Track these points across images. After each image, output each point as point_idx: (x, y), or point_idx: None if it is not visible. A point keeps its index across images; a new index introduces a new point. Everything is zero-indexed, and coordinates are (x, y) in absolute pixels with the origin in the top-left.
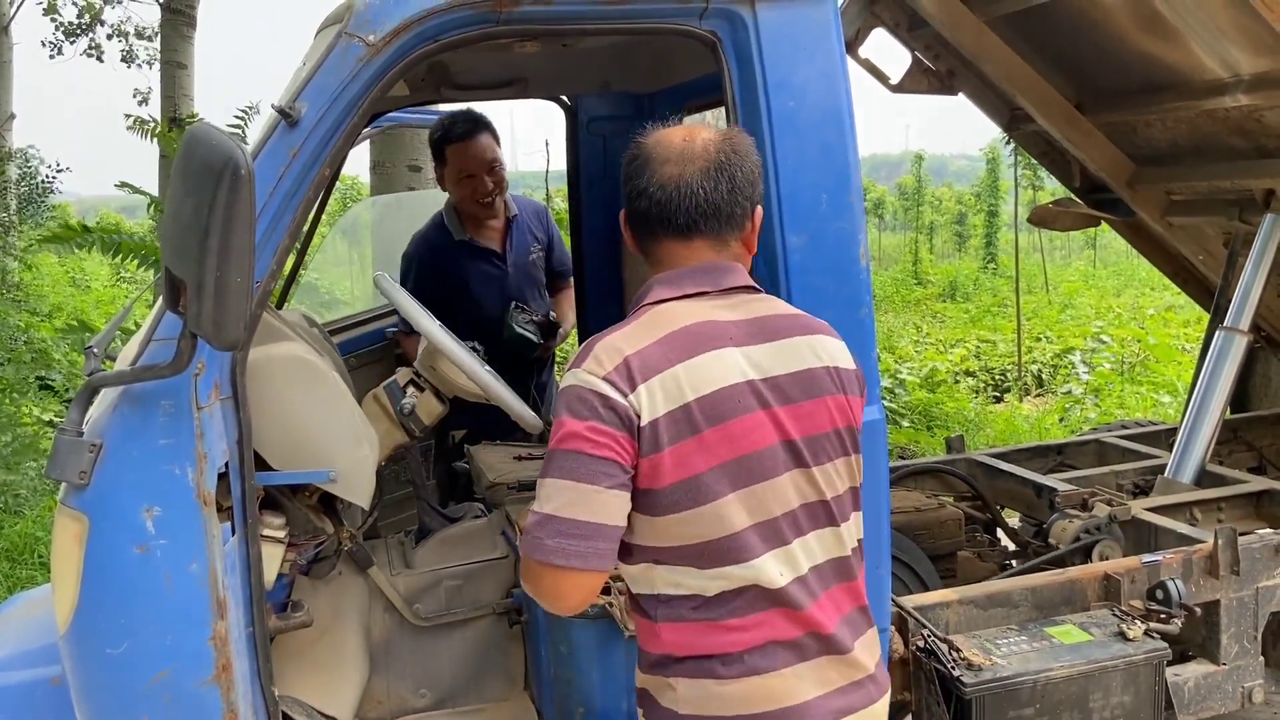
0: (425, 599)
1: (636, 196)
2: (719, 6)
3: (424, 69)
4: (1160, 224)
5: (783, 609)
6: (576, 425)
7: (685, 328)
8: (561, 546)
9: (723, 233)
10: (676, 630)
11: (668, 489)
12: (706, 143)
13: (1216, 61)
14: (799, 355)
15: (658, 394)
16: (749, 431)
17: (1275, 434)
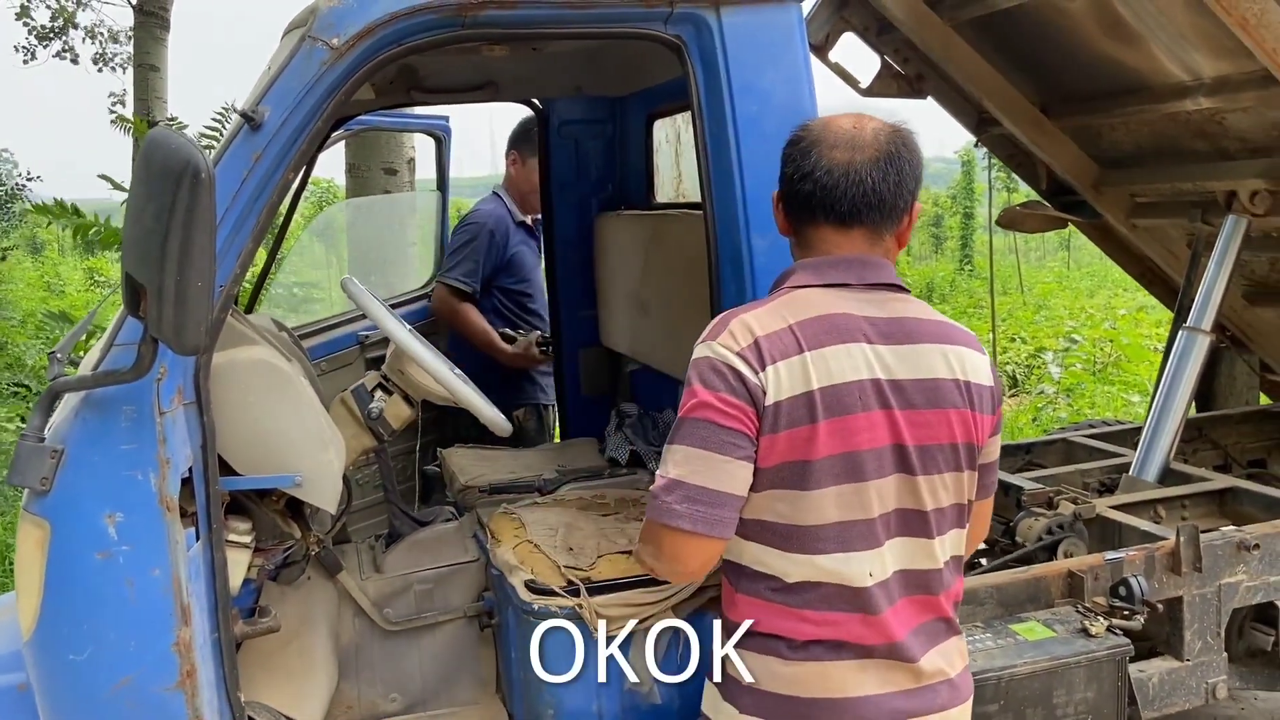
0: (395, 603)
1: (800, 179)
2: (684, 11)
3: (392, 72)
4: (1125, 226)
5: (860, 613)
6: (709, 396)
7: (819, 316)
8: (690, 512)
9: (882, 225)
10: (752, 605)
11: (774, 468)
12: (876, 131)
13: (1178, 65)
14: (930, 363)
15: (784, 377)
16: (863, 429)
17: (1240, 432)
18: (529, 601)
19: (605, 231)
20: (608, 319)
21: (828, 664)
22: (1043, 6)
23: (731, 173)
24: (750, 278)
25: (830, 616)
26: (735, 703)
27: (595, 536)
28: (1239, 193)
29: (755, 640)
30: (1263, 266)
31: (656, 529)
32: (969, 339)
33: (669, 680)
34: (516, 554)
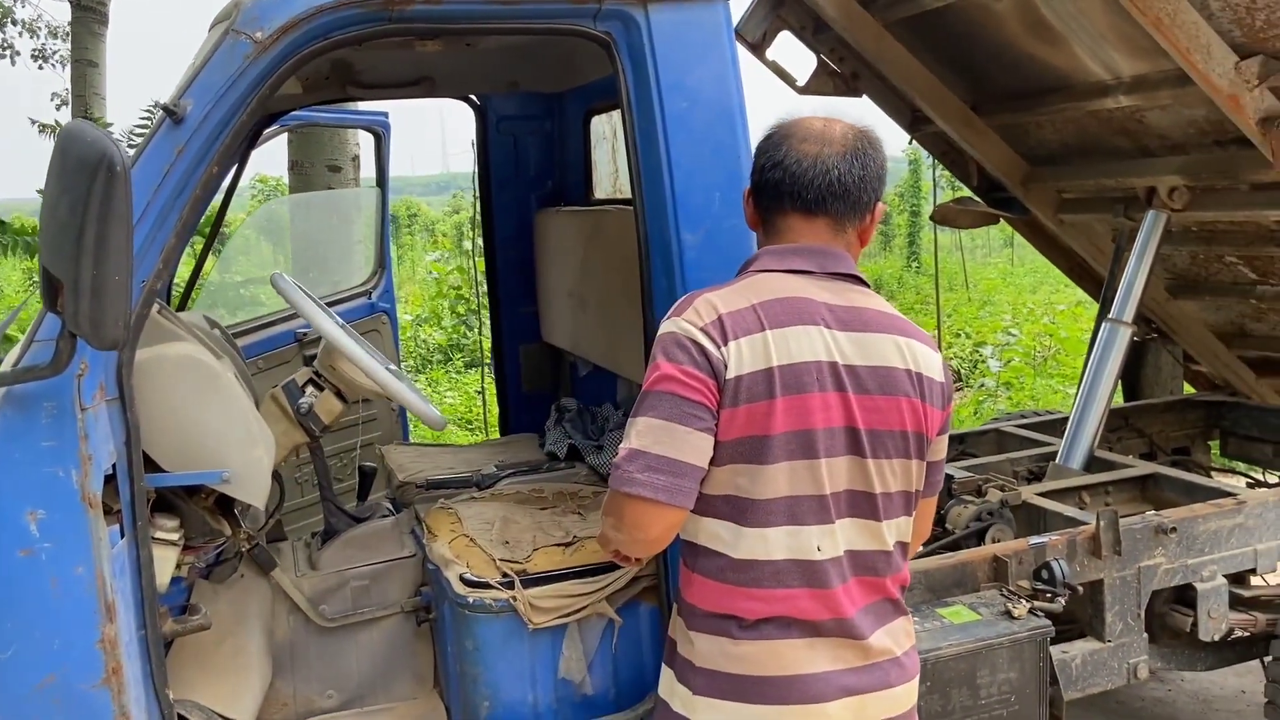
0: (331, 600)
1: (771, 168)
2: (612, 8)
3: (326, 67)
4: (1053, 221)
5: (811, 587)
6: (672, 369)
7: (781, 298)
8: (651, 480)
9: (845, 217)
10: (705, 584)
11: (734, 441)
12: (845, 130)
13: (1098, 64)
14: (884, 351)
15: (745, 353)
16: (818, 408)
17: (1164, 421)
18: (463, 595)
19: (544, 228)
20: (548, 315)
21: (778, 642)
22: (970, 6)
23: (660, 168)
24: (680, 271)
25: (780, 593)
26: (689, 684)
27: (532, 530)
28: (1158, 189)
29: (708, 621)
30: (1184, 260)
31: (618, 499)
32: (924, 336)
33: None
34: (452, 548)
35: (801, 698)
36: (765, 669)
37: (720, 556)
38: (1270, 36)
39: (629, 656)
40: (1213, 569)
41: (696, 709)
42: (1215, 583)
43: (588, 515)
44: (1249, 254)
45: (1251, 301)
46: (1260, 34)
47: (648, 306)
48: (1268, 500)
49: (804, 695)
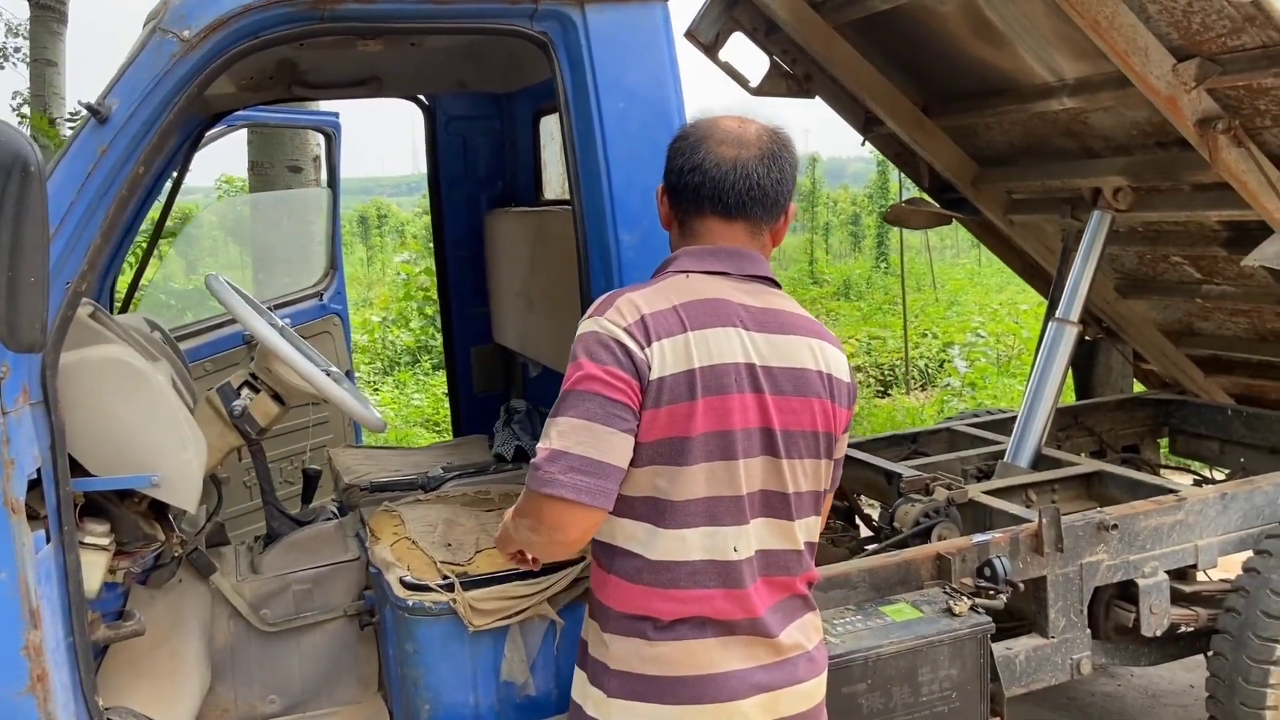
0: (273, 604)
1: (690, 171)
2: (549, 8)
3: (270, 66)
4: (1003, 222)
5: (727, 588)
6: (595, 369)
7: (702, 300)
8: (573, 481)
9: (762, 219)
10: (621, 586)
11: (654, 443)
12: (759, 132)
13: (1043, 66)
14: (798, 353)
15: (668, 354)
16: (737, 409)
17: (1114, 419)
18: (403, 598)
19: (495, 229)
20: (499, 316)
21: (693, 642)
22: (917, 9)
23: (598, 168)
24: (618, 271)
25: (697, 593)
26: (603, 687)
27: (475, 532)
28: (1103, 189)
29: (623, 623)
30: (1132, 260)
31: (537, 500)
32: (832, 338)
33: (545, 671)
34: (393, 551)
35: (716, 696)
36: (680, 669)
37: (637, 558)
38: (1207, 39)
39: (571, 658)
40: (1154, 565)
41: (611, 712)
42: (1157, 579)
43: None
44: (1193, 254)
45: (1198, 301)
46: (1197, 36)
47: (586, 307)
48: (1208, 497)
49: (718, 694)
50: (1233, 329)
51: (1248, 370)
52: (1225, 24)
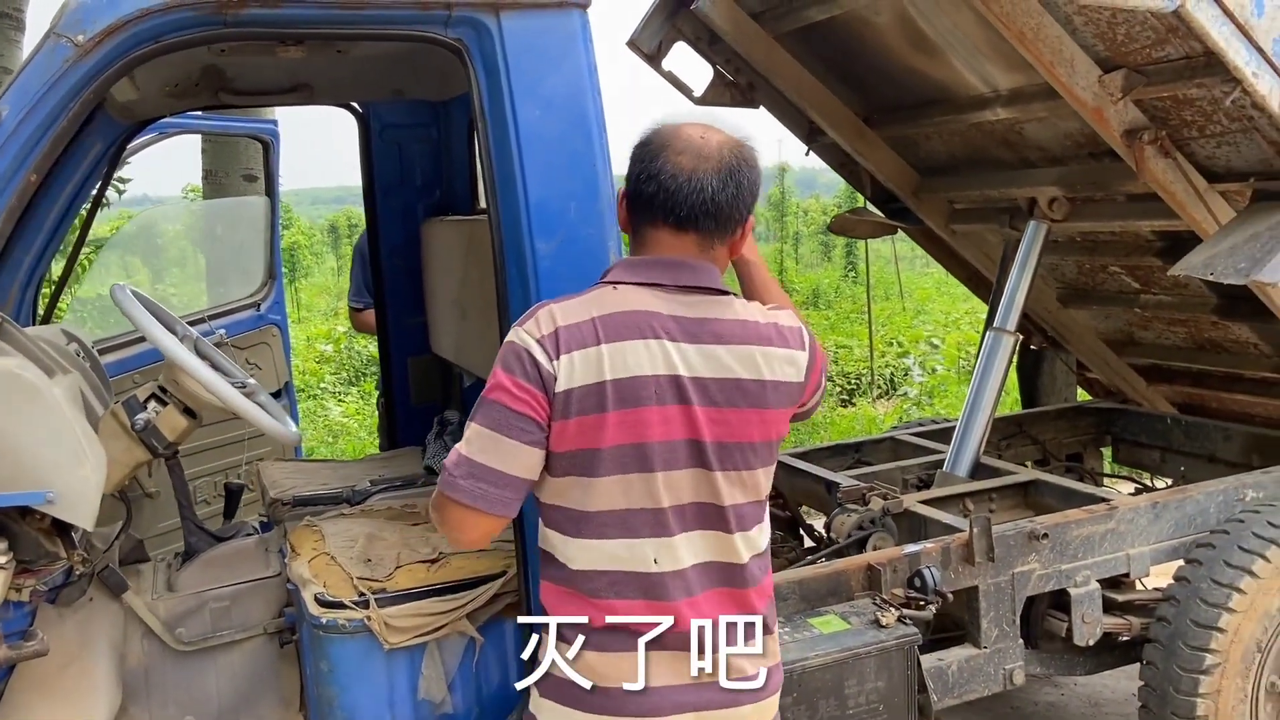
0: (189, 622)
1: (647, 180)
2: (463, 14)
3: (196, 73)
4: (945, 232)
5: (650, 599)
6: (505, 379)
7: (624, 312)
8: (472, 489)
9: (714, 234)
10: (551, 590)
11: (566, 454)
12: (720, 144)
13: (977, 78)
14: (742, 363)
15: (577, 366)
16: (656, 422)
17: (1057, 428)
18: (318, 615)
19: (431, 237)
20: (435, 326)
21: (616, 654)
22: (853, 20)
23: (514, 177)
24: (535, 281)
25: (619, 604)
26: (537, 685)
27: (398, 547)
28: (1039, 199)
29: (556, 627)
30: (1072, 270)
31: (442, 499)
32: (785, 338)
33: (464, 689)
34: (311, 567)
35: (637, 711)
36: (602, 679)
37: (562, 566)
38: (1132, 50)
39: (491, 675)
40: (1086, 574)
41: (541, 710)
42: (1089, 588)
43: None
44: (1130, 264)
45: (1136, 310)
46: (1122, 48)
47: (504, 316)
48: (1139, 506)
49: (639, 709)
50: (1172, 338)
51: (1188, 379)
52: (1149, 35)
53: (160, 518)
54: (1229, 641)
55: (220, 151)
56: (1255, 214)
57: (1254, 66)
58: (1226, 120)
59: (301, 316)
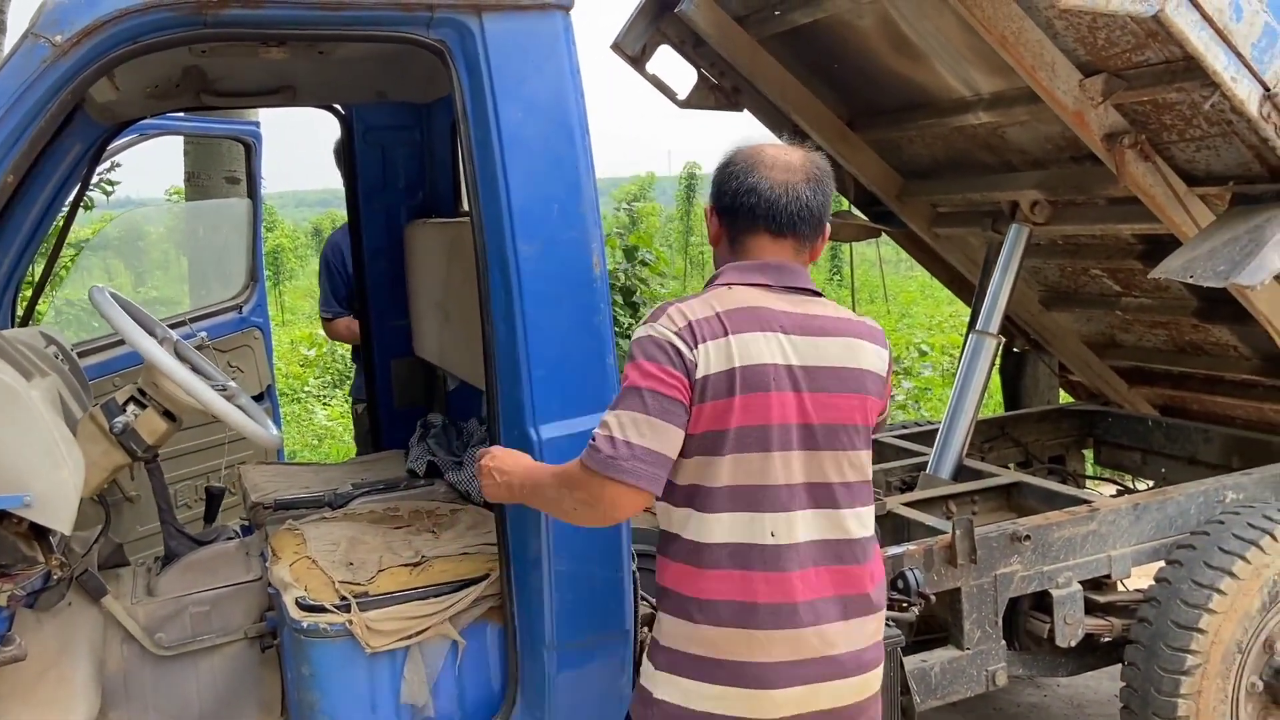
0: (169, 627)
1: (746, 192)
2: (445, 16)
3: (177, 74)
4: (928, 235)
5: (766, 570)
6: (653, 368)
7: (743, 308)
8: (636, 469)
9: (807, 238)
10: (672, 567)
11: (699, 435)
12: (802, 158)
13: (959, 81)
14: (841, 354)
15: (712, 355)
16: (774, 406)
17: (1040, 430)
18: (299, 619)
19: (414, 240)
20: (418, 329)
21: (733, 629)
22: (836, 24)
23: (497, 179)
24: (517, 283)
25: (735, 574)
26: (653, 659)
27: (380, 550)
28: (1021, 203)
29: (673, 602)
30: (1054, 273)
31: (600, 481)
32: (871, 334)
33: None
34: (292, 571)
35: (752, 682)
36: (719, 651)
37: (685, 541)
38: (1112, 54)
39: (474, 678)
40: (1068, 575)
41: (656, 683)
42: (1071, 589)
43: (442, 533)
44: (1111, 267)
45: (1118, 313)
46: (1103, 52)
47: (486, 320)
48: (1120, 508)
49: (755, 680)
50: (1153, 340)
51: (1169, 381)
52: (1129, 40)
53: (140, 521)
54: (1210, 642)
55: (203, 153)
56: (1234, 217)
57: (1233, 71)
58: (1206, 124)
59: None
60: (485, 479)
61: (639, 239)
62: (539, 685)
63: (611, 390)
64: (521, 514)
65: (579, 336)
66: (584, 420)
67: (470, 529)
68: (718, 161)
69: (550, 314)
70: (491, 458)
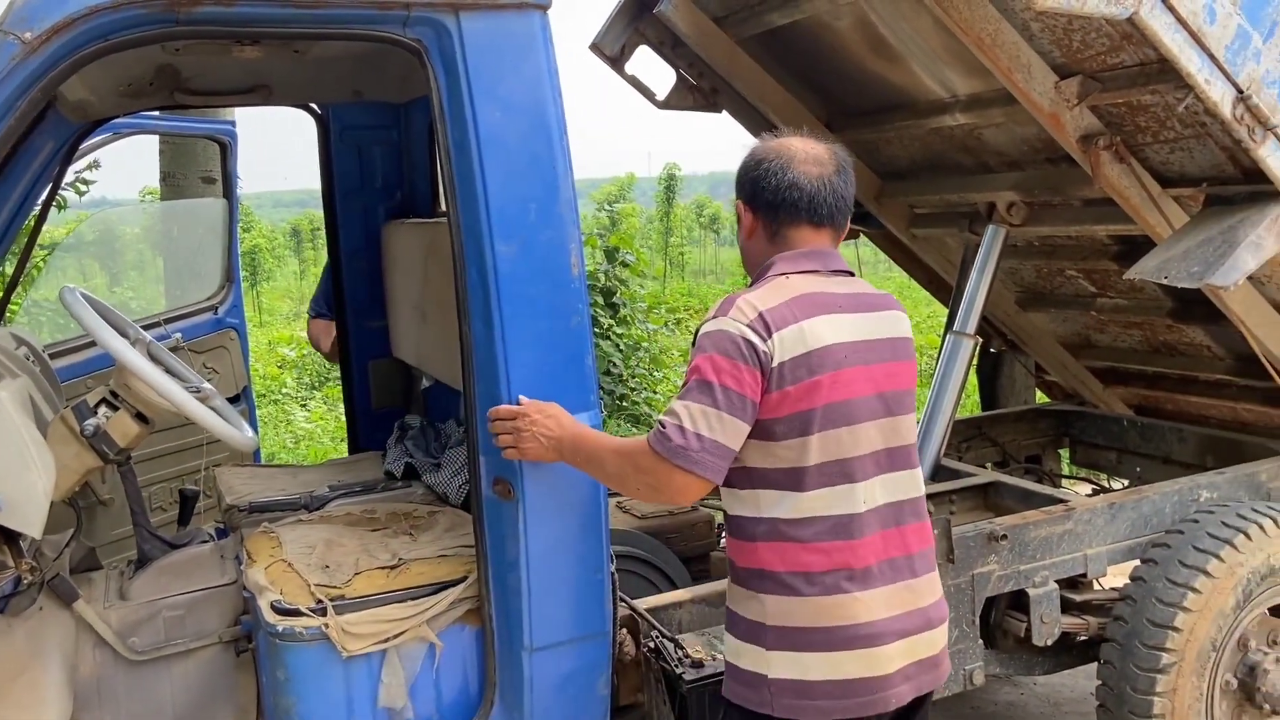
0: (142, 631)
1: (788, 188)
2: (422, 15)
3: (150, 72)
4: (906, 236)
5: (862, 537)
6: (725, 363)
7: (805, 295)
8: (704, 460)
9: (841, 225)
10: (772, 549)
11: (784, 419)
12: (827, 151)
13: (936, 82)
14: (889, 325)
15: (787, 342)
16: (851, 381)
17: (1016, 430)
18: (273, 623)
19: (392, 240)
20: (396, 329)
21: (841, 596)
22: (814, 25)
23: (474, 179)
24: (495, 283)
25: (836, 544)
26: (760, 642)
27: (356, 553)
28: (997, 204)
29: (776, 582)
30: (1030, 274)
31: (666, 468)
32: (899, 306)
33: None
34: (267, 574)
35: (866, 643)
36: (832, 619)
37: (782, 521)
38: (1087, 56)
39: (452, 680)
40: (1045, 574)
41: (771, 663)
42: (1047, 588)
43: (419, 535)
44: (1087, 268)
45: (1093, 314)
46: (1078, 54)
47: (464, 320)
48: (1096, 507)
49: (866, 640)
50: (1128, 341)
51: (1144, 381)
52: (1104, 42)
53: (114, 525)
54: (1185, 640)
55: (178, 153)
56: (1208, 218)
57: (1206, 74)
58: (1180, 126)
59: (263, 320)
60: (528, 440)
61: (619, 240)
62: (517, 687)
63: (589, 391)
64: (499, 516)
65: (557, 337)
66: None
67: (448, 531)
68: (744, 161)
69: (528, 314)
70: (533, 416)
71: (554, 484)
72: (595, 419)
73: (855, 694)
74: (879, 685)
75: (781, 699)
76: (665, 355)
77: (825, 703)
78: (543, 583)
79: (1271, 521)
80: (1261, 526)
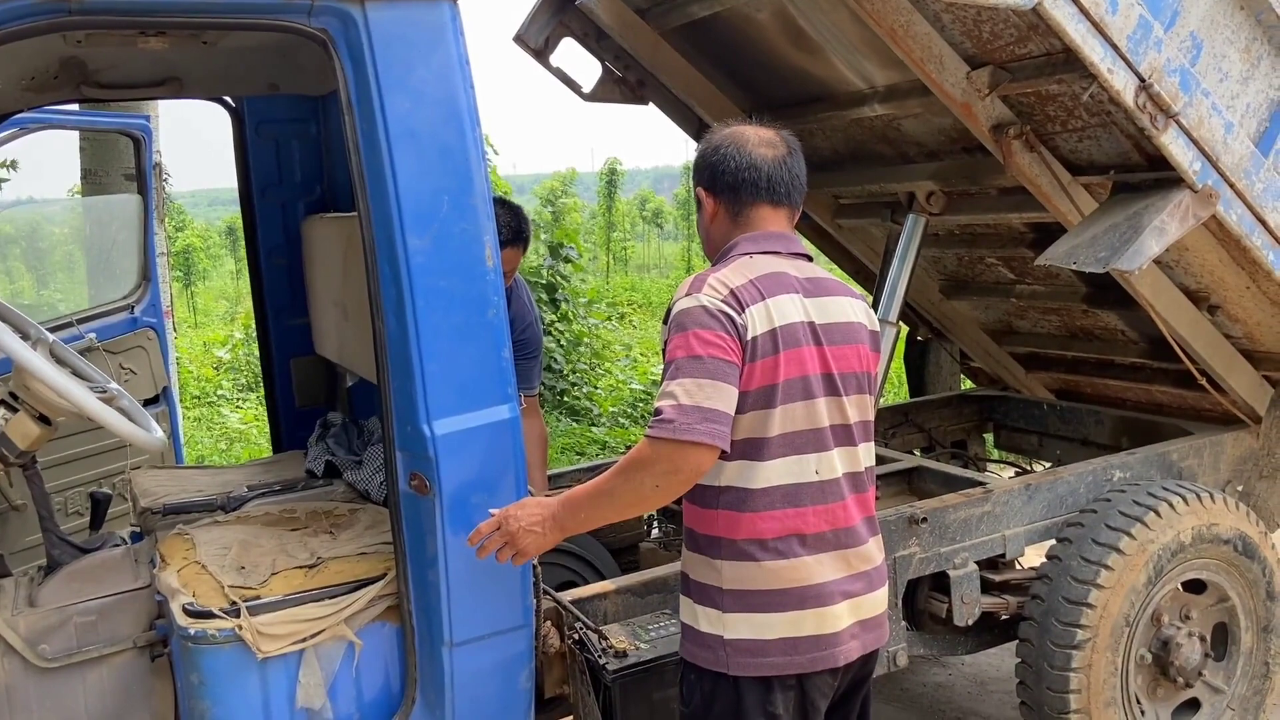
0: (52, 638)
1: (747, 169)
2: (326, 4)
3: (55, 65)
4: (831, 226)
5: (815, 506)
6: (708, 335)
7: (769, 274)
8: (709, 430)
9: (797, 204)
10: (730, 517)
11: (752, 392)
12: (774, 134)
13: (855, 74)
14: (842, 309)
15: (757, 318)
16: (806, 359)
17: (942, 416)
18: (186, 625)
19: (312, 235)
20: (318, 326)
21: (794, 560)
22: (735, 17)
23: (384, 171)
24: (408, 277)
25: (790, 511)
26: (717, 605)
27: (273, 553)
28: (917, 194)
29: (733, 548)
30: (952, 262)
31: (677, 449)
32: (857, 296)
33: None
34: (180, 577)
35: (816, 603)
36: (785, 581)
37: (741, 490)
38: (997, 47)
39: (372, 678)
40: (964, 556)
41: (727, 624)
42: (967, 569)
43: (340, 534)
44: (1005, 255)
45: (1013, 300)
46: (988, 45)
47: (376, 315)
48: (1013, 489)
49: (817, 600)
50: (1047, 326)
51: (1064, 366)
52: (1012, 33)
53: (27, 531)
54: (1099, 617)
55: (99, 150)
56: (1115, 205)
57: (1109, 63)
58: (1086, 115)
59: (198, 321)
60: (522, 537)
61: (563, 235)
62: (438, 683)
63: (506, 384)
64: (417, 511)
65: (472, 330)
66: (479, 414)
67: (369, 529)
68: (700, 149)
69: (442, 307)
70: (512, 514)
71: (472, 478)
72: (513, 411)
73: (806, 650)
74: (829, 642)
75: (737, 658)
76: (608, 350)
77: (779, 659)
78: (461, 577)
79: (1181, 499)
80: (1171, 504)
